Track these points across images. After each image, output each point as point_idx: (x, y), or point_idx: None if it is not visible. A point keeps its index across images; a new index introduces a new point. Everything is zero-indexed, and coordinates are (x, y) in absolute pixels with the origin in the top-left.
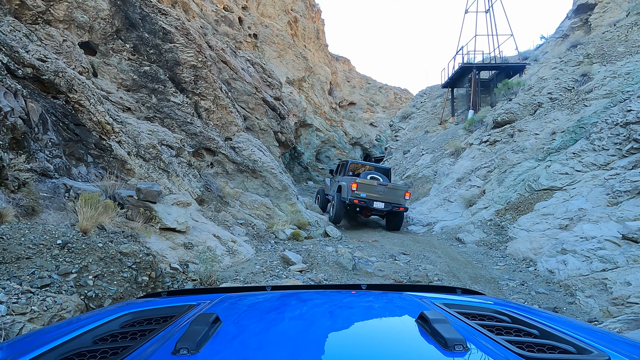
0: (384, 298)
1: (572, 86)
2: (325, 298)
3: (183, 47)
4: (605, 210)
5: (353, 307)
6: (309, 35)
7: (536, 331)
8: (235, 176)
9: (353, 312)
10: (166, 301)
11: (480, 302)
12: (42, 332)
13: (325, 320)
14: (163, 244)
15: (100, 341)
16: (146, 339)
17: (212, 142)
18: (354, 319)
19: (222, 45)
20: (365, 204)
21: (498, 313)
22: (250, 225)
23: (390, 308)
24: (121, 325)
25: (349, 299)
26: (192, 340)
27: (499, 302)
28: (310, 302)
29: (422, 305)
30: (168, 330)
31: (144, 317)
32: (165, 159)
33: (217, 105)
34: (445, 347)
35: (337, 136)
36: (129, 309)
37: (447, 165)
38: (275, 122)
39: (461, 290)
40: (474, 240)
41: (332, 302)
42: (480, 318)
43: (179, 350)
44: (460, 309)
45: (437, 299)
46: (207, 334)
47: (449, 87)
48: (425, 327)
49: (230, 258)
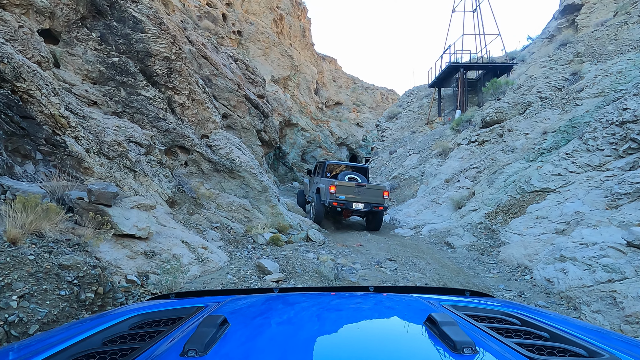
0: (392, 300)
1: (562, 85)
2: (333, 300)
3: (155, 37)
4: (604, 214)
5: (361, 310)
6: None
7: (546, 334)
8: (212, 176)
9: (361, 315)
10: (174, 303)
11: (489, 304)
12: (53, 334)
13: (334, 322)
14: (119, 252)
15: (109, 342)
16: (155, 341)
17: (187, 140)
18: (362, 322)
19: (202, 40)
20: (344, 205)
21: (507, 315)
22: (226, 229)
23: (399, 310)
24: (130, 326)
25: (357, 301)
26: (200, 342)
27: (508, 304)
28: (317, 304)
29: (430, 308)
30: (176, 332)
31: (153, 319)
32: (132, 157)
33: (193, 100)
34: (454, 350)
35: (323, 136)
36: (137, 310)
37: (435, 165)
38: (258, 121)
39: (469, 292)
40: (464, 245)
41: (341, 304)
42: (489, 320)
43: (188, 352)
44: (469, 311)
45: (445, 301)
46: (215, 335)
47: (436, 87)
48: (434, 329)
49: (199, 267)
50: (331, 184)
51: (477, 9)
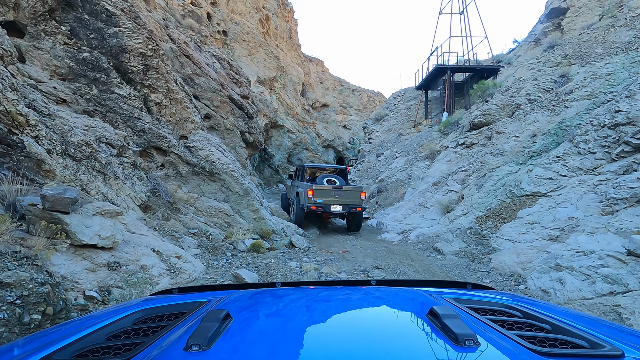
0: (394, 293)
1: (551, 87)
2: (335, 294)
3: (130, 32)
4: (600, 220)
5: (363, 303)
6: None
7: (548, 326)
8: (190, 179)
9: (363, 308)
10: (177, 298)
11: (491, 297)
12: (57, 329)
13: (336, 316)
14: (77, 265)
15: (113, 338)
16: (158, 336)
17: (164, 141)
18: (364, 315)
19: (185, 39)
20: (322, 208)
21: (509, 308)
22: (204, 235)
23: (401, 303)
24: (134, 322)
25: (359, 295)
26: (204, 337)
27: (510, 296)
28: (320, 298)
29: (432, 301)
30: (180, 326)
31: (156, 314)
32: (102, 158)
33: (171, 99)
34: (456, 342)
35: (310, 138)
36: (141, 306)
37: (422, 168)
38: (243, 122)
39: (471, 285)
40: (454, 251)
41: (342, 298)
42: (491, 313)
43: (191, 347)
44: (471, 304)
45: (447, 294)
46: (218, 330)
47: (422, 89)
48: (436, 322)
49: (171, 278)
50: (309, 189)
51: (464, 12)
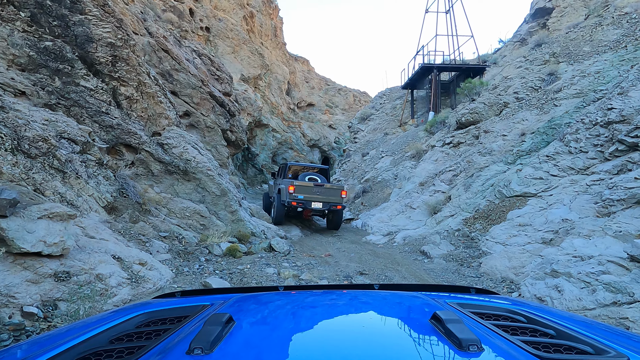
0: (397, 298)
1: (539, 85)
2: (338, 298)
3: (97, 20)
4: (596, 222)
5: (366, 307)
6: (266, 32)
7: (552, 331)
8: (163, 178)
9: (367, 312)
10: (180, 301)
11: (495, 301)
12: (60, 332)
13: (339, 320)
14: (15, 277)
15: (116, 341)
16: (161, 339)
17: (134, 137)
18: (367, 319)
19: (163, 33)
20: (303, 205)
21: (513, 313)
22: (176, 239)
23: (404, 308)
24: (136, 325)
25: (362, 299)
26: (206, 340)
27: (514, 301)
28: (323, 302)
29: (436, 305)
30: (182, 330)
31: (159, 317)
32: (62, 155)
33: (143, 93)
34: (459, 347)
35: (295, 137)
36: (143, 309)
37: (408, 168)
38: (224, 120)
39: (475, 289)
40: (442, 254)
41: (345, 302)
42: (494, 318)
43: (193, 350)
44: (474, 308)
45: (450, 298)
46: (220, 334)
47: (408, 89)
48: (439, 327)
49: (131, 289)
50: (290, 184)
51: (450, 10)
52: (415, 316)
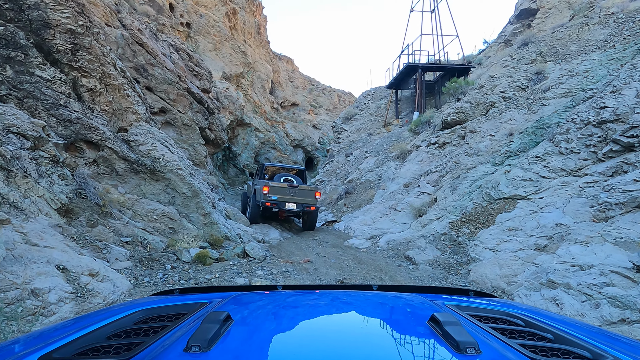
0: (395, 299)
1: (526, 85)
2: (336, 298)
3: (56, 4)
4: (593, 227)
5: (365, 308)
6: (250, 30)
7: (550, 335)
8: (129, 178)
9: (364, 313)
10: (178, 299)
11: (493, 304)
12: (58, 328)
13: (337, 320)
14: None
15: (114, 337)
16: (159, 336)
17: (96, 133)
18: (366, 320)
19: (138, 26)
20: (277, 205)
21: (511, 316)
22: (140, 244)
23: (402, 309)
24: (134, 322)
25: (361, 300)
26: (204, 338)
27: (512, 305)
28: (321, 302)
29: (434, 307)
30: (180, 327)
31: (157, 314)
32: (8, 152)
33: (107, 85)
34: (457, 350)
35: (278, 137)
36: (142, 306)
37: (393, 169)
38: (202, 117)
39: (473, 292)
40: (428, 260)
41: (344, 302)
42: (492, 321)
43: (191, 348)
44: (473, 311)
45: (449, 300)
46: (218, 332)
47: (393, 88)
48: (437, 329)
49: (75, 305)
50: (265, 185)
51: (436, 10)
52: (414, 318)
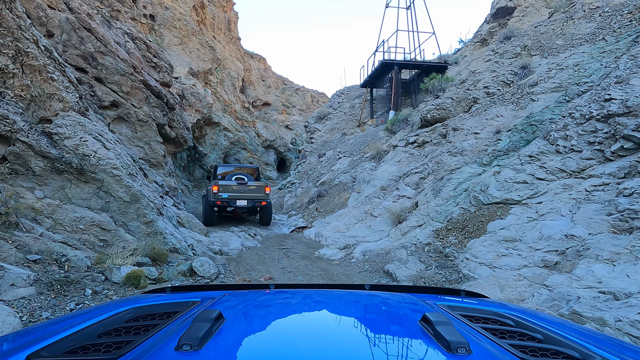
0: (387, 299)
1: (511, 80)
2: (328, 298)
3: None
4: (617, 241)
5: (357, 307)
6: (219, 25)
7: (540, 335)
8: (49, 179)
9: (356, 312)
10: (170, 297)
11: (484, 305)
12: (48, 325)
13: (328, 320)
14: None
15: (104, 335)
16: (150, 334)
17: (4, 123)
18: (358, 319)
19: (88, 10)
20: (228, 203)
21: (502, 316)
22: (55, 263)
23: (394, 309)
24: (125, 320)
25: (353, 299)
26: (195, 337)
27: (503, 305)
28: (313, 301)
29: (426, 307)
30: (171, 326)
31: (148, 313)
32: None
33: (24, 65)
34: (448, 349)
35: (249, 137)
36: (133, 304)
37: (368, 170)
38: (161, 113)
39: (465, 292)
40: (411, 276)
41: (336, 301)
42: (483, 321)
43: (182, 346)
44: (464, 311)
45: (440, 300)
46: (210, 330)
47: (368, 87)
48: (429, 329)
49: None
50: (214, 184)
51: (412, 6)
52: (405, 317)
